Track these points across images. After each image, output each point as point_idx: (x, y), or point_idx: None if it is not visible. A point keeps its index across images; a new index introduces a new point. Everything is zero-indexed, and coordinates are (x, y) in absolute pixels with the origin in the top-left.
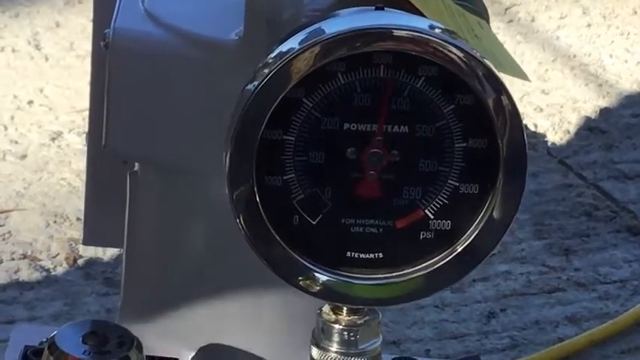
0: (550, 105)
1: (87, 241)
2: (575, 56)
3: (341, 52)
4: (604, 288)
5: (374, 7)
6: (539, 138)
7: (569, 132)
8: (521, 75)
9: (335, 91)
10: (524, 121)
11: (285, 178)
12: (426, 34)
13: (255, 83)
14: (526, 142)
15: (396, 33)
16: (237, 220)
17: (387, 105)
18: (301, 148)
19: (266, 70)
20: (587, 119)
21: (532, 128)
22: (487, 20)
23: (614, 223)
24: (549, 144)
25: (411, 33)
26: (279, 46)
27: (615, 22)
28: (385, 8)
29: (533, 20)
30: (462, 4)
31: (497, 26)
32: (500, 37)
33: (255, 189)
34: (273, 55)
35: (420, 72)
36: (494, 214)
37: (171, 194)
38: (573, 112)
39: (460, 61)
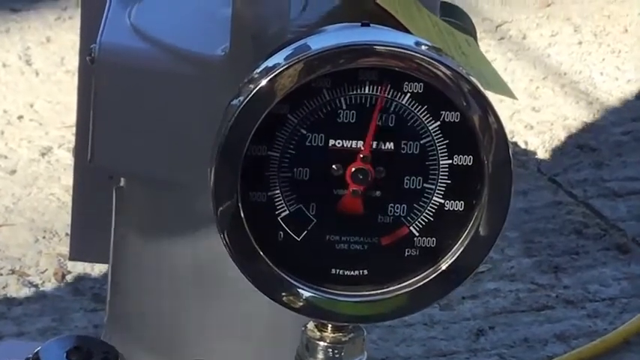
0: (540, 122)
1: (74, 256)
2: (566, 74)
3: (326, 68)
4: (593, 306)
5: (360, 24)
6: (529, 155)
7: (559, 149)
8: (508, 93)
9: (320, 108)
10: (514, 139)
11: (269, 194)
12: (409, 50)
13: (241, 98)
14: (512, 159)
15: (379, 49)
16: (222, 236)
17: (373, 122)
18: (286, 164)
19: (251, 86)
20: (578, 137)
21: (522, 145)
22: (475, 38)
23: (604, 241)
24: (539, 161)
25: (394, 49)
26: (265, 62)
27: (606, 40)
28: (371, 25)
29: (524, 38)
30: (450, 22)
31: (488, 43)
32: (491, 55)
33: (240, 205)
34: (258, 70)
35: (406, 88)
36: (479, 231)
37: (157, 209)
38: (564, 129)
39: (446, 77)
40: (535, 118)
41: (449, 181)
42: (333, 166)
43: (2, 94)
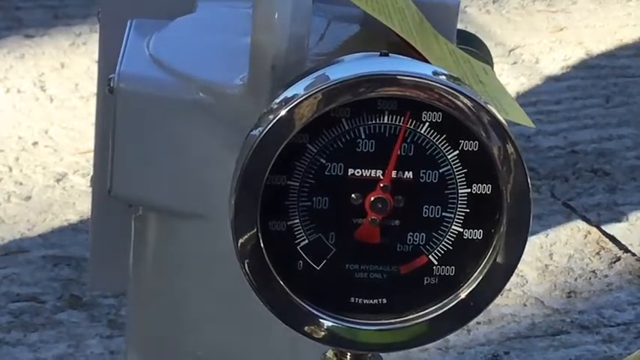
0: (554, 146)
1: (92, 286)
2: (579, 98)
3: (345, 97)
4: (608, 331)
5: (379, 53)
6: (543, 180)
7: (573, 174)
8: (525, 121)
9: (339, 137)
10: (527, 163)
11: (289, 223)
12: (430, 80)
13: (260, 129)
14: (530, 189)
15: (399, 79)
16: (242, 266)
17: (395, 151)
18: (305, 193)
19: (271, 116)
20: (592, 161)
21: (536, 170)
22: (491, 65)
23: (618, 266)
24: (553, 186)
25: (414, 79)
26: (284, 92)
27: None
28: (390, 54)
29: (536, 62)
30: (467, 50)
31: (501, 67)
32: (504, 79)
33: (260, 234)
34: (277, 100)
35: (424, 118)
36: (497, 260)
37: (176, 239)
38: (577, 153)
39: (465, 107)
40: (548, 142)
41: (467, 210)
42: (353, 196)
43: (17, 121)
